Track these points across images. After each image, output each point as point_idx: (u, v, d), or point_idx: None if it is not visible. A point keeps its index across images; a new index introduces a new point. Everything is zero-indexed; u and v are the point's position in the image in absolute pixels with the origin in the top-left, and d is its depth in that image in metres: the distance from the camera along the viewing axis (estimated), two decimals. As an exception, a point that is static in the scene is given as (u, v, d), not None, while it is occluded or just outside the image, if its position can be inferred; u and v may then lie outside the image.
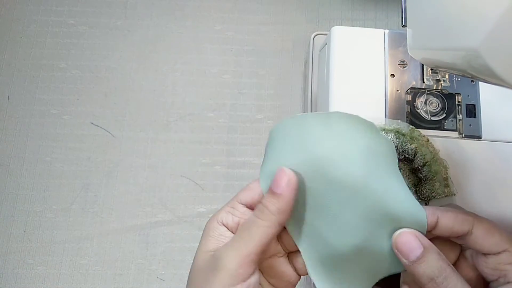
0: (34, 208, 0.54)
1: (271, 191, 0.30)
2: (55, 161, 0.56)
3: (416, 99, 0.47)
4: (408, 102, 0.47)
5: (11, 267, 0.52)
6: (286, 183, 0.30)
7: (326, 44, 0.51)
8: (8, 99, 0.58)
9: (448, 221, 0.30)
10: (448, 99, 0.47)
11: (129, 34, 0.61)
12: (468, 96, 0.47)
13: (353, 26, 0.59)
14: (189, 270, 0.31)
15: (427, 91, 0.47)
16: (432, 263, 0.28)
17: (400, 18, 0.42)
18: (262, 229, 0.29)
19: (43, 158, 0.56)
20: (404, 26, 0.40)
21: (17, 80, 0.58)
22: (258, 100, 0.59)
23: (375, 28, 0.49)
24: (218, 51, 0.60)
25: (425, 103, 0.46)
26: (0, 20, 0.61)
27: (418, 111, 0.46)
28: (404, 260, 0.29)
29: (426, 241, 0.29)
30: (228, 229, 0.31)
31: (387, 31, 0.49)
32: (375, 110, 0.46)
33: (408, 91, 0.47)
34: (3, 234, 0.53)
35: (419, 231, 0.30)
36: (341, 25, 0.55)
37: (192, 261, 0.30)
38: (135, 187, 0.55)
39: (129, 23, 0.61)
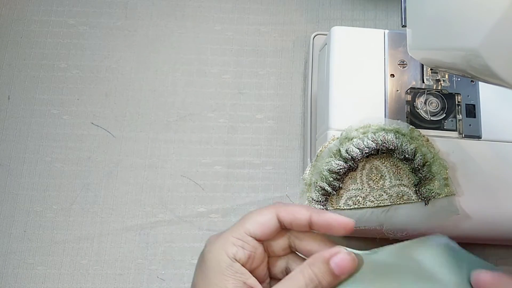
0: (34, 208, 0.54)
1: (332, 271, 0.29)
2: (55, 161, 0.56)
3: (416, 99, 0.47)
4: (408, 102, 0.47)
5: (11, 267, 0.52)
6: (349, 271, 0.29)
7: (326, 44, 0.51)
8: (9, 99, 0.58)
9: None
10: (448, 99, 0.47)
11: (129, 34, 0.61)
12: (468, 96, 0.47)
13: (353, 26, 0.59)
14: (189, 270, 0.31)
15: (427, 91, 0.47)
16: None
17: (400, 18, 0.42)
18: None
19: (43, 158, 0.56)
20: (404, 26, 0.41)
21: (17, 80, 0.58)
22: (258, 100, 0.59)
23: (375, 28, 0.50)
24: (218, 51, 0.60)
25: (425, 103, 0.47)
26: (1, 20, 0.61)
27: (418, 111, 0.46)
28: None
29: None
30: (242, 264, 0.30)
31: (387, 31, 0.49)
32: (375, 110, 0.46)
33: (408, 91, 0.47)
34: (3, 234, 0.53)
35: None
36: (341, 25, 0.56)
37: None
38: (135, 187, 0.55)
39: (129, 24, 0.61)
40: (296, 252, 0.34)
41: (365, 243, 0.52)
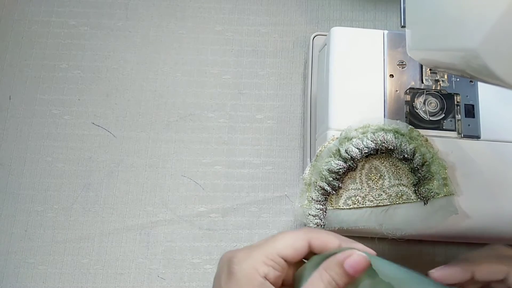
0: (35, 208, 0.54)
1: (347, 272, 0.31)
2: (56, 160, 0.56)
3: (415, 99, 0.47)
4: (407, 102, 0.47)
5: (12, 267, 0.52)
6: (362, 270, 0.31)
7: (325, 44, 0.51)
8: (10, 99, 0.58)
9: (483, 275, 0.34)
10: (447, 99, 0.47)
11: (130, 35, 0.61)
12: (467, 96, 0.48)
13: (352, 26, 0.60)
14: (189, 269, 0.31)
15: (426, 91, 0.47)
16: None
17: (399, 19, 0.42)
18: None
19: (44, 158, 0.56)
20: (403, 26, 0.41)
21: (18, 81, 0.59)
22: (258, 100, 0.59)
23: (375, 28, 0.50)
24: (219, 52, 0.61)
25: (424, 103, 0.47)
26: (2, 20, 0.61)
27: (417, 111, 0.47)
28: None
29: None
30: (271, 283, 0.31)
31: (386, 31, 0.49)
32: (374, 110, 0.46)
33: (407, 91, 0.47)
34: (5, 234, 0.53)
35: None
36: (341, 25, 0.56)
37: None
38: (135, 186, 0.55)
39: (130, 24, 0.61)
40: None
41: (364, 243, 0.52)
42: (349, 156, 0.43)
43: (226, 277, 0.31)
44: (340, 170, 0.43)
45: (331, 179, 0.43)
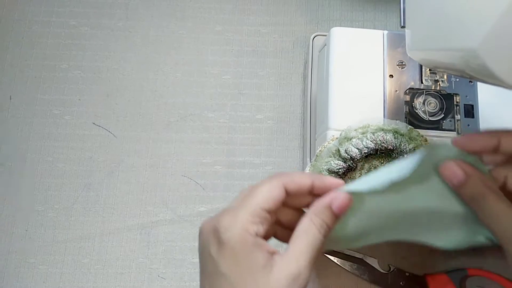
0: (36, 208, 0.54)
1: (335, 213, 0.32)
2: (57, 160, 0.56)
3: (415, 99, 0.47)
4: (406, 102, 0.47)
5: (13, 266, 0.52)
6: (347, 208, 0.32)
7: (325, 45, 0.51)
8: (10, 99, 0.58)
9: (510, 145, 0.33)
10: (446, 99, 0.47)
11: (130, 35, 0.61)
12: (466, 96, 0.48)
13: (352, 27, 0.60)
14: (190, 269, 0.31)
15: (426, 91, 0.47)
16: (474, 187, 0.32)
17: (399, 19, 0.42)
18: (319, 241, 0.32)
19: (45, 158, 0.56)
20: (403, 27, 0.41)
21: (19, 81, 0.59)
22: (258, 100, 0.59)
23: (374, 29, 0.50)
24: (219, 52, 0.61)
25: (424, 103, 0.47)
26: (2, 21, 0.61)
27: (416, 111, 0.47)
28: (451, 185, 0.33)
29: (470, 168, 0.32)
30: (261, 237, 0.31)
31: (386, 32, 0.49)
32: (374, 111, 0.46)
33: (407, 91, 0.47)
34: (5, 234, 0.53)
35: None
36: (341, 26, 0.56)
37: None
38: (136, 186, 0.55)
39: (130, 24, 0.61)
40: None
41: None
42: (349, 156, 0.43)
43: (216, 248, 0.30)
44: (340, 170, 0.43)
45: (331, 179, 0.43)
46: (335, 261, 0.51)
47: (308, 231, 0.31)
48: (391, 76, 0.48)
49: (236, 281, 0.30)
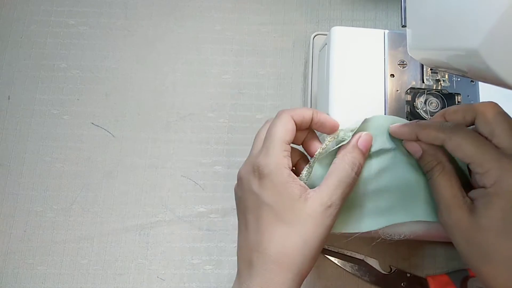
0: (35, 208, 0.54)
1: (362, 151, 0.38)
2: (56, 161, 0.56)
3: (416, 99, 0.47)
4: (407, 102, 0.47)
5: (11, 267, 0.52)
6: (369, 145, 0.39)
7: (326, 44, 0.51)
8: (9, 99, 0.58)
9: (423, 138, 0.38)
10: (447, 99, 0.47)
11: (129, 35, 0.61)
12: (468, 96, 0.47)
13: (353, 26, 0.59)
14: (189, 270, 0.31)
15: (427, 91, 0.47)
16: (426, 160, 0.37)
17: (400, 18, 0.42)
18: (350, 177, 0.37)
19: (43, 158, 0.56)
20: (404, 26, 0.41)
21: (17, 80, 0.58)
22: (258, 100, 0.59)
23: (375, 28, 0.50)
24: (218, 51, 0.60)
25: (425, 103, 0.47)
26: (1, 20, 0.61)
27: (417, 111, 0.46)
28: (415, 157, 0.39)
29: (425, 145, 0.38)
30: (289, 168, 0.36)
31: (387, 31, 0.49)
32: (375, 110, 0.46)
33: (408, 91, 0.47)
34: (3, 234, 0.53)
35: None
36: (341, 25, 0.56)
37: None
38: (135, 187, 0.55)
39: (129, 24, 0.61)
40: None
41: (363, 242, 0.52)
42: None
43: (258, 183, 0.35)
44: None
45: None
46: (336, 262, 0.51)
47: (340, 167, 0.36)
48: (392, 75, 0.47)
49: (278, 208, 0.34)
